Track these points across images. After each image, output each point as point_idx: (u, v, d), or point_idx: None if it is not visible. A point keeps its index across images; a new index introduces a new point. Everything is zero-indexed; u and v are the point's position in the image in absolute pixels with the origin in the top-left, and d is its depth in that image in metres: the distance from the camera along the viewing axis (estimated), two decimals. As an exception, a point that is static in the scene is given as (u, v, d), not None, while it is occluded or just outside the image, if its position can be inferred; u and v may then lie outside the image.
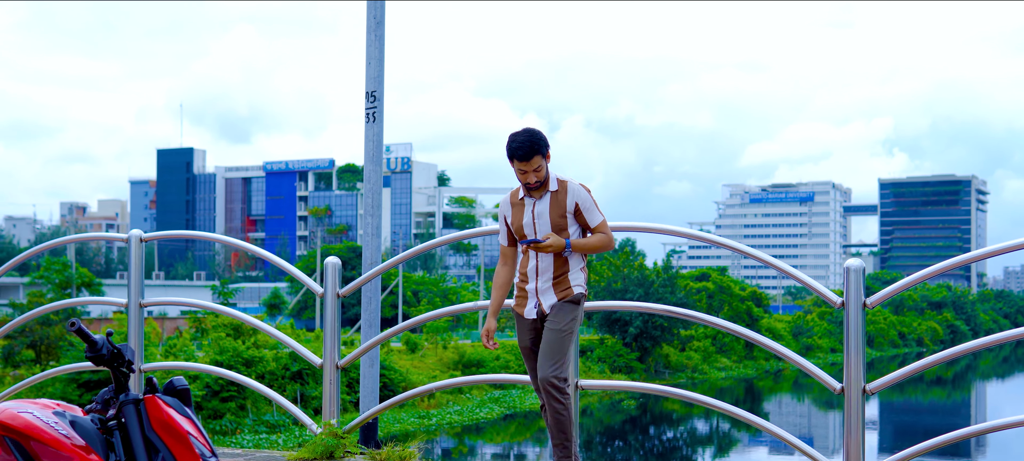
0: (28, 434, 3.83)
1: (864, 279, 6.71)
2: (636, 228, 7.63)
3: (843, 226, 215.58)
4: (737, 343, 69.02)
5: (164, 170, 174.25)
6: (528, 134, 6.58)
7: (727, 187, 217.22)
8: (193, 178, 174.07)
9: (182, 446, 3.89)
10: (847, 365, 6.68)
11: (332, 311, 7.84)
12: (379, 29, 8.13)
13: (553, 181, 6.71)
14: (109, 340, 3.99)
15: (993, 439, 39.76)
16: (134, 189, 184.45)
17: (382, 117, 8.12)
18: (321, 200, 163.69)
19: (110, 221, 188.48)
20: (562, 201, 6.65)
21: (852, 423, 6.67)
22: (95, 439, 3.88)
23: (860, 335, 6.68)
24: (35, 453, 3.81)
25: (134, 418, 3.89)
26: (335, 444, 7.88)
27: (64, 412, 3.95)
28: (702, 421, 48.32)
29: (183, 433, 3.91)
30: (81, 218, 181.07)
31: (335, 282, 7.80)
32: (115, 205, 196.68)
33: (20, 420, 3.86)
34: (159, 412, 3.92)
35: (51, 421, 3.87)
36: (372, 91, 8.07)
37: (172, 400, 3.98)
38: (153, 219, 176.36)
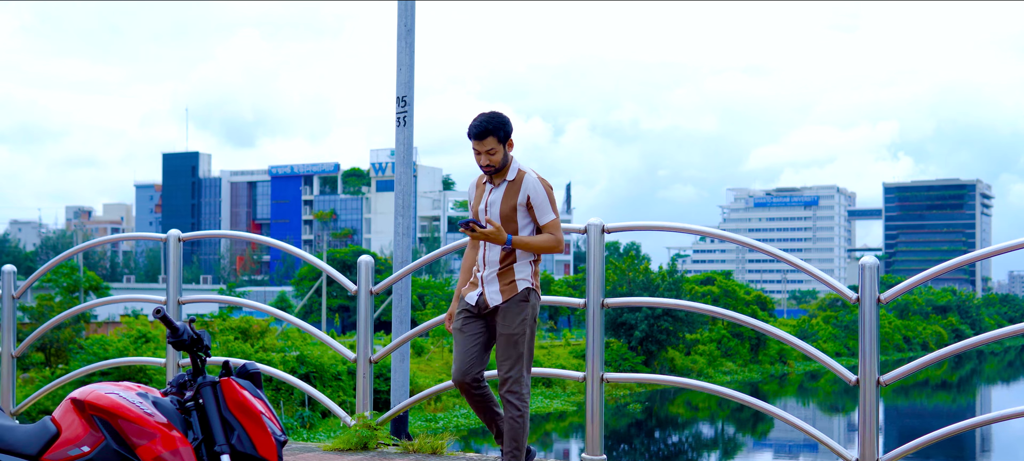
0: (115, 412, 4.14)
1: (879, 275, 7.01)
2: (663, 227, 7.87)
3: (847, 230, 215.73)
4: (742, 347, 69.23)
5: (170, 174, 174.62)
6: (487, 115, 6.50)
7: (731, 191, 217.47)
8: (198, 182, 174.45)
9: (256, 425, 4.20)
10: (862, 358, 6.97)
11: (365, 308, 8.14)
12: (409, 36, 8.44)
13: (513, 170, 6.54)
14: (191, 326, 4.31)
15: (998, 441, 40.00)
16: (139, 193, 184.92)
17: (412, 121, 8.43)
18: (326, 204, 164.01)
19: (115, 225, 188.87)
20: (516, 190, 6.49)
21: (867, 413, 6.97)
22: (175, 417, 4.19)
23: (874, 329, 6.97)
24: (122, 430, 4.12)
25: (211, 399, 4.20)
26: (369, 435, 8.20)
27: (146, 394, 4.27)
28: (707, 425, 48.58)
29: (256, 413, 4.21)
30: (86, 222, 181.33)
31: (368, 280, 8.11)
32: (120, 209, 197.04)
33: (107, 400, 4.18)
34: (235, 393, 4.23)
35: (135, 400, 4.19)
36: (403, 96, 8.38)
37: (245, 383, 4.30)
38: (158, 223, 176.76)
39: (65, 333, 45.29)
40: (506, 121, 6.53)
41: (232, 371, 4.30)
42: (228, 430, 4.18)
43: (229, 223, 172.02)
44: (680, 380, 7.78)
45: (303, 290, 79.43)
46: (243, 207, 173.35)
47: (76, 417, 4.23)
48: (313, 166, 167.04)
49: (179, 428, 4.15)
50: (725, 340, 68.26)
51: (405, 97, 8.38)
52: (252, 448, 4.17)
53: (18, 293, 9.52)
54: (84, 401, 4.22)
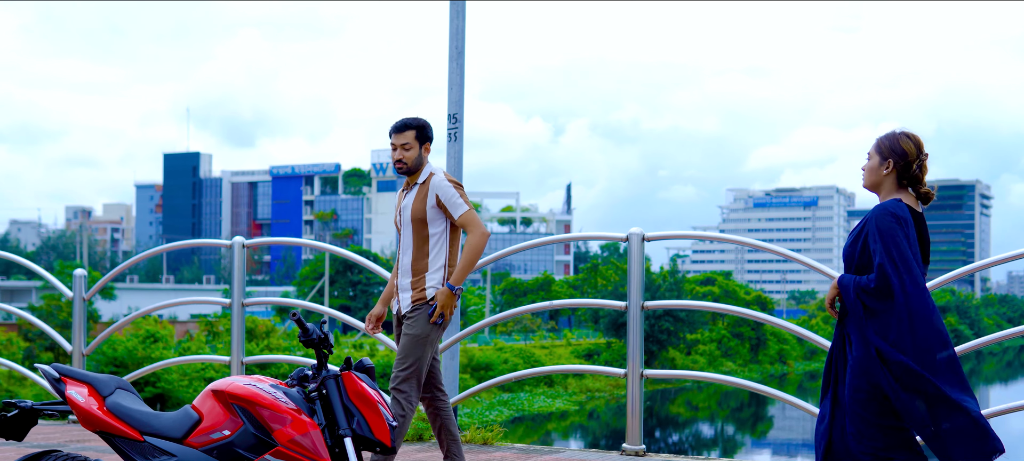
0: (253, 400, 4.80)
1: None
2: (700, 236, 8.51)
3: (847, 230, 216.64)
4: (742, 347, 69.91)
5: (170, 174, 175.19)
6: (411, 117, 6.62)
7: (731, 191, 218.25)
8: (199, 182, 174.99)
9: (372, 412, 4.86)
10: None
11: (420, 309, 8.81)
12: (460, 58, 9.12)
13: (425, 174, 6.57)
14: (320, 328, 4.97)
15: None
16: (140, 193, 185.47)
17: (462, 136, 9.10)
18: (327, 204, 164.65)
19: (115, 225, 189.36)
20: (425, 194, 6.50)
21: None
22: (303, 405, 4.85)
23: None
24: (259, 416, 4.77)
25: (335, 389, 4.86)
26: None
27: (276, 385, 4.93)
28: (707, 425, 49.23)
29: (374, 401, 4.88)
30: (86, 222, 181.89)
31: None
32: (120, 209, 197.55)
33: (245, 390, 4.84)
34: (355, 384, 4.89)
35: (269, 390, 4.85)
36: (454, 113, 9.05)
37: (362, 376, 4.96)
38: (159, 223, 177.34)
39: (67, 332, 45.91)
40: (427, 125, 6.63)
41: (351, 366, 4.98)
42: (349, 416, 4.84)
43: (230, 223, 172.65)
44: (714, 376, 8.44)
45: (304, 291, 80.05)
46: (244, 207, 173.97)
47: (217, 405, 4.89)
48: (314, 166, 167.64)
49: (307, 414, 4.82)
50: (725, 340, 68.93)
51: (456, 114, 9.05)
52: (369, 431, 4.83)
53: (88, 295, 10.18)
54: (224, 391, 4.88)
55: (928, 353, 4.76)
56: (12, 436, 5.28)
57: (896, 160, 5.03)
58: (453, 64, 9.10)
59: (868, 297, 4.90)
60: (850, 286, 4.97)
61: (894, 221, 4.88)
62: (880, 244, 4.86)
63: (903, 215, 4.91)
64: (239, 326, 9.45)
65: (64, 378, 5.13)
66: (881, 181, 5.08)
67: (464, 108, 9.12)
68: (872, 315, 4.89)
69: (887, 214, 4.90)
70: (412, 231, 6.49)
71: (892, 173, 5.05)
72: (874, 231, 4.91)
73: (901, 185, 5.06)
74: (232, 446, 4.81)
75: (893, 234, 4.85)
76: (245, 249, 9.43)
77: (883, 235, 4.87)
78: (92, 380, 5.14)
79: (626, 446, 8.38)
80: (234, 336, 9.44)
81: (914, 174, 5.03)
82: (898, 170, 5.04)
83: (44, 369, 5.19)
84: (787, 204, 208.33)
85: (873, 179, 5.09)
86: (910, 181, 5.05)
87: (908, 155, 5.02)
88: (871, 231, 4.92)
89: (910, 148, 5.03)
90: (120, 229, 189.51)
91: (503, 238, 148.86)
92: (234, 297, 9.43)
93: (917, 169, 5.02)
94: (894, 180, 5.06)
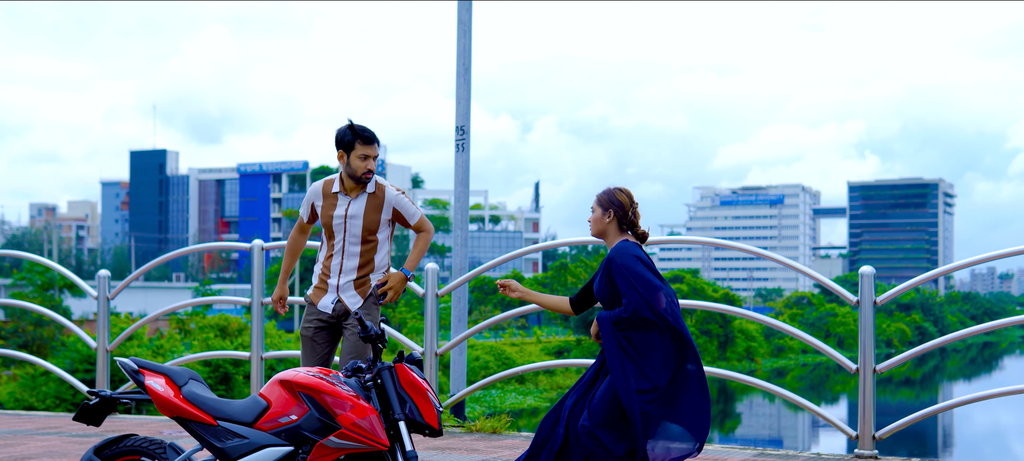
0: (317, 389, 5.41)
1: (874, 283, 8.41)
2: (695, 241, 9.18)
3: (812, 228, 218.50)
4: (710, 345, 70.65)
5: (137, 172, 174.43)
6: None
7: (698, 190, 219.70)
8: (166, 180, 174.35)
9: (423, 399, 5.49)
10: (861, 350, 8.37)
11: (432, 308, 9.45)
12: (467, 74, 9.76)
13: (371, 185, 6.83)
14: (379, 325, 5.61)
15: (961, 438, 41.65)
16: (105, 190, 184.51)
17: (469, 146, 9.75)
18: (295, 202, 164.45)
19: (80, 222, 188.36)
20: (379, 204, 6.80)
21: (866, 397, 8.38)
22: (360, 393, 5.49)
23: (871, 326, 8.36)
24: (324, 402, 5.39)
25: (389, 379, 5.49)
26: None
27: (336, 375, 5.56)
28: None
29: (424, 389, 5.50)
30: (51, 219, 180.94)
31: (434, 284, 9.45)
32: (85, 206, 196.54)
33: (309, 379, 5.46)
34: (407, 374, 5.52)
35: (330, 378, 5.49)
36: (461, 125, 9.70)
37: (413, 367, 5.60)
38: (125, 220, 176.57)
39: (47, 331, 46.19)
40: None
41: (403, 358, 5.62)
42: (402, 403, 5.48)
43: (197, 221, 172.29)
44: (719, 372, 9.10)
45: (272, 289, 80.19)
46: (211, 205, 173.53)
47: (284, 393, 5.51)
48: (281, 164, 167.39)
49: (364, 400, 5.45)
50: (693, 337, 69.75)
51: (463, 126, 9.69)
52: (420, 416, 5.46)
53: (112, 295, 10.75)
54: (291, 381, 5.50)
55: (667, 370, 5.69)
56: (91, 422, 5.90)
57: (615, 210, 5.94)
58: (460, 79, 9.74)
59: (625, 327, 5.73)
60: (608, 319, 5.78)
61: (631, 257, 5.76)
62: (625, 280, 5.73)
63: (636, 251, 5.80)
64: (259, 323, 10.07)
65: (142, 370, 5.74)
66: (606, 229, 5.97)
67: (471, 120, 9.76)
68: (630, 344, 5.72)
69: (625, 253, 5.79)
70: (359, 237, 6.81)
71: (614, 221, 5.95)
72: (618, 270, 5.77)
73: (623, 230, 5.97)
74: (299, 429, 5.43)
75: (634, 268, 5.72)
76: (264, 251, 10.04)
77: (627, 271, 5.74)
78: (167, 371, 5.76)
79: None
80: (254, 333, 10.05)
81: (631, 220, 5.95)
82: (618, 218, 5.94)
83: (122, 362, 5.79)
84: (753, 202, 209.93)
85: (599, 228, 5.99)
86: (628, 226, 5.96)
87: (624, 205, 5.95)
88: (615, 271, 5.79)
89: (625, 199, 5.95)
90: (86, 226, 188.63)
91: (472, 237, 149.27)
92: (254, 296, 10.05)
93: (632, 216, 5.95)
94: (616, 226, 5.96)
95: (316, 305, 6.86)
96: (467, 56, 9.81)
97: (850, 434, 8.48)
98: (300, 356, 7.02)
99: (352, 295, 6.80)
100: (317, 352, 6.86)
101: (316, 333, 6.86)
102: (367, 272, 6.83)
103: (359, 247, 6.80)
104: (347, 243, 6.80)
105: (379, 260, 6.88)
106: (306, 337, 6.86)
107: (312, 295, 6.91)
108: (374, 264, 6.85)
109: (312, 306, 6.89)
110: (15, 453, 8.48)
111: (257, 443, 5.47)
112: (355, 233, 6.77)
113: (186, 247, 9.84)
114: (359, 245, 6.80)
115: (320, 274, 6.91)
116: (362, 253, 6.80)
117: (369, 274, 6.83)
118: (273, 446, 5.46)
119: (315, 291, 6.90)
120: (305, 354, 6.88)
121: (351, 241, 6.80)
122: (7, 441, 9.19)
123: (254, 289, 10.07)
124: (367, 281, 6.82)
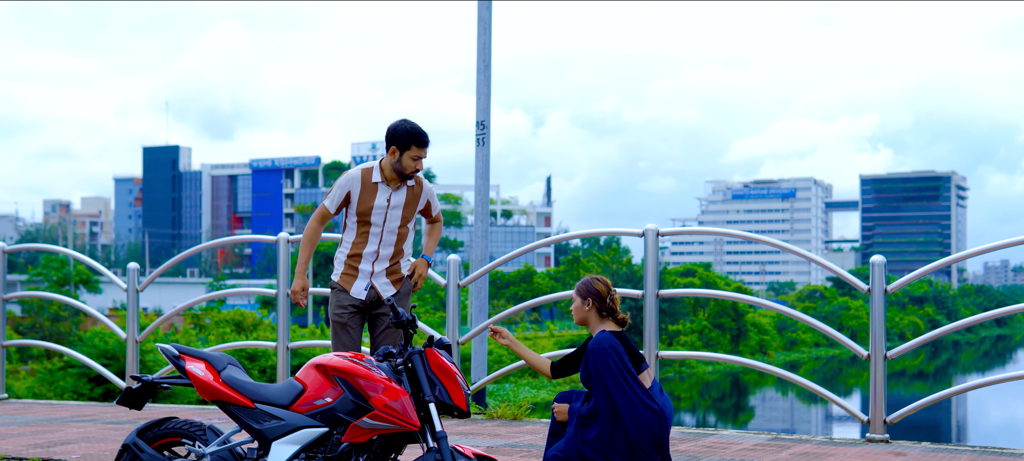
0: (351, 372, 5.66)
1: (885, 272, 8.64)
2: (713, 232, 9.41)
3: (825, 222, 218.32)
4: (723, 338, 70.75)
5: (150, 168, 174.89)
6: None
7: (709, 183, 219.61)
8: (179, 176, 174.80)
9: (451, 381, 5.73)
10: (873, 338, 8.60)
11: (454, 299, 9.70)
12: (487, 70, 10.01)
13: (411, 177, 7.13)
14: (410, 311, 5.86)
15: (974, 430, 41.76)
16: (118, 186, 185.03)
17: (489, 141, 9.99)
18: (308, 198, 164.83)
19: (94, 218, 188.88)
20: (418, 196, 7.16)
21: (877, 383, 8.62)
22: (392, 376, 5.73)
23: (882, 314, 8.59)
24: (357, 385, 5.63)
25: (420, 363, 5.73)
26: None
27: (369, 360, 5.81)
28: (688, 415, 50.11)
29: (452, 372, 5.74)
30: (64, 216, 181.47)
31: (457, 275, 9.70)
32: (99, 203, 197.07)
33: (344, 363, 5.71)
34: (436, 358, 5.76)
35: (364, 362, 5.73)
36: (481, 120, 9.95)
37: (442, 352, 5.85)
38: (139, 216, 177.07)
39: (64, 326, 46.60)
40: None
41: (432, 343, 5.87)
42: (432, 385, 5.73)
43: (210, 217, 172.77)
44: (735, 358, 9.35)
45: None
46: (224, 200, 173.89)
47: (319, 376, 5.75)
48: (294, 159, 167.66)
49: (395, 383, 5.70)
50: (706, 331, 69.83)
51: (483, 121, 9.94)
52: (449, 398, 5.70)
53: (142, 287, 11.01)
54: (326, 365, 5.75)
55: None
56: (133, 406, 6.16)
57: (594, 299, 6.26)
58: (480, 75, 9.98)
59: (586, 419, 6.11)
60: (574, 414, 6.17)
61: (606, 355, 6.07)
62: (599, 377, 6.06)
63: (610, 341, 6.11)
64: (285, 315, 10.33)
65: (182, 355, 6.00)
66: (586, 316, 6.29)
67: (491, 115, 10.00)
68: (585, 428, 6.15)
69: (601, 351, 6.10)
70: (398, 226, 7.11)
71: (593, 308, 6.26)
72: (593, 367, 6.10)
73: (602, 316, 6.27)
74: (334, 411, 5.68)
75: (607, 367, 6.04)
76: (289, 243, 10.29)
77: (600, 372, 6.05)
78: (207, 356, 6.01)
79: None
80: (280, 324, 10.32)
81: (609, 306, 6.26)
82: (597, 306, 6.25)
83: (163, 348, 6.05)
84: (765, 196, 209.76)
85: (580, 316, 6.31)
86: (608, 312, 6.27)
87: (601, 294, 6.26)
88: (591, 366, 6.11)
89: (602, 288, 6.28)
90: (99, 222, 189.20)
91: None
92: (280, 288, 10.31)
93: (611, 302, 6.26)
94: (596, 313, 6.27)
95: (348, 291, 7.09)
96: (487, 53, 10.06)
97: (862, 419, 8.71)
98: (331, 342, 7.25)
99: (385, 283, 7.09)
100: (351, 337, 7.09)
101: (350, 318, 7.08)
102: (399, 260, 7.13)
103: (396, 236, 7.09)
104: (385, 232, 7.07)
105: (408, 248, 7.19)
106: (340, 323, 7.08)
107: (341, 281, 7.13)
108: (404, 252, 7.15)
109: (343, 293, 7.11)
110: (53, 438, 8.76)
111: (294, 425, 5.73)
112: (394, 223, 7.05)
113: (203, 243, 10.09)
114: (396, 234, 7.09)
115: (347, 262, 7.13)
116: (397, 240, 7.09)
117: (400, 261, 7.13)
118: (309, 427, 5.71)
119: (344, 278, 7.12)
120: (338, 339, 7.08)
121: (389, 230, 7.07)
122: (43, 428, 9.48)
123: (280, 281, 10.33)
124: (398, 268, 7.12)
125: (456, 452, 5.66)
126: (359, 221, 7.10)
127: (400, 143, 6.96)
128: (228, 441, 5.98)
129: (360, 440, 5.66)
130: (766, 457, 7.85)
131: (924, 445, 8.45)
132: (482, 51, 10.01)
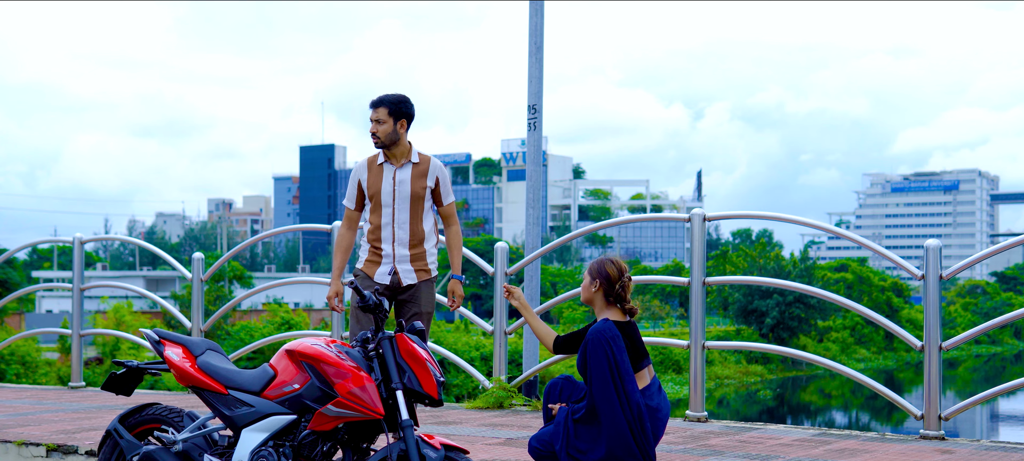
0: (318, 358, 5.54)
1: (940, 256, 8.10)
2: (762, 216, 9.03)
3: (990, 215, 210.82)
4: (876, 334, 68.94)
5: (306, 166, 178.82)
6: (388, 93, 7.08)
7: (867, 176, 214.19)
8: (334, 174, 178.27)
9: (421, 369, 5.55)
10: (927, 328, 8.10)
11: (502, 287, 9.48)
12: (539, 53, 9.78)
13: (414, 154, 7.06)
14: (375, 294, 5.69)
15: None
16: (277, 185, 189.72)
17: (541, 125, 9.75)
18: (458, 194, 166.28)
19: (255, 216, 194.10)
20: (424, 172, 7.04)
21: (931, 374, 8.10)
22: (362, 362, 5.55)
23: (936, 303, 8.08)
24: (324, 372, 5.51)
25: (389, 349, 5.56)
26: (504, 396, 9.58)
27: (340, 345, 5.66)
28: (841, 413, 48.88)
29: (422, 359, 5.55)
30: (227, 214, 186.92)
31: (503, 263, 9.50)
32: (259, 201, 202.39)
33: (311, 348, 5.59)
34: (406, 344, 5.59)
35: (332, 349, 5.58)
36: (533, 104, 9.72)
37: (414, 337, 5.66)
38: (296, 214, 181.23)
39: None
40: (403, 101, 7.09)
41: (404, 329, 5.68)
42: (401, 372, 5.54)
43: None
44: (777, 349, 8.93)
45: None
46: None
47: (289, 362, 5.65)
48: (444, 156, 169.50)
49: (365, 371, 5.53)
50: (859, 327, 68.08)
51: (535, 105, 9.71)
52: (418, 386, 5.52)
53: (206, 276, 11.10)
54: (295, 351, 5.64)
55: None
56: (121, 391, 6.13)
57: (602, 281, 5.91)
58: (532, 59, 9.75)
59: (577, 421, 5.79)
60: (568, 412, 5.84)
61: (601, 348, 5.69)
62: (592, 371, 5.70)
63: (610, 334, 5.71)
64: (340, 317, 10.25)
65: (163, 341, 5.95)
66: (592, 298, 5.95)
67: (543, 99, 9.75)
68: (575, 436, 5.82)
69: (596, 342, 5.72)
70: (409, 205, 7.00)
71: (600, 291, 5.91)
72: (589, 359, 5.73)
73: (609, 302, 5.92)
74: (300, 398, 5.57)
75: (600, 365, 5.66)
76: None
77: (592, 370, 5.69)
78: (186, 342, 5.94)
79: (689, 413, 8.93)
80: (335, 319, 10.27)
81: (618, 292, 5.90)
82: (604, 290, 5.89)
83: (146, 333, 6.02)
84: (926, 189, 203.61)
85: (586, 296, 5.98)
86: (616, 299, 5.92)
87: (611, 277, 5.90)
88: (588, 357, 5.73)
89: (613, 272, 5.91)
90: (259, 220, 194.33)
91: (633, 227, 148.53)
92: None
93: (620, 289, 5.90)
94: (602, 297, 5.92)
95: (371, 277, 7.02)
96: (539, 35, 9.83)
97: (915, 414, 8.21)
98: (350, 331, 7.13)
99: (408, 269, 6.99)
100: (367, 324, 6.96)
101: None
102: (421, 243, 7.01)
103: (408, 213, 6.97)
104: (397, 209, 6.98)
105: (429, 233, 7.05)
106: (360, 309, 6.98)
107: (365, 267, 7.08)
108: (424, 232, 7.02)
109: (367, 279, 7.04)
110: (83, 425, 8.86)
111: (263, 411, 5.62)
112: (404, 197, 6.96)
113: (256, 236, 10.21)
114: (408, 211, 6.98)
115: (371, 247, 7.08)
116: (412, 221, 6.97)
117: (423, 241, 7.01)
118: (277, 414, 5.59)
119: (368, 264, 7.07)
120: (359, 326, 6.98)
121: (400, 207, 6.98)
122: (85, 416, 9.59)
123: (333, 273, 10.24)
124: (423, 254, 7.01)
125: (422, 442, 5.46)
126: (372, 203, 7.07)
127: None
128: (204, 426, 5.91)
129: (325, 428, 5.53)
130: (800, 452, 7.44)
131: (981, 442, 7.92)
132: (534, 33, 9.78)
